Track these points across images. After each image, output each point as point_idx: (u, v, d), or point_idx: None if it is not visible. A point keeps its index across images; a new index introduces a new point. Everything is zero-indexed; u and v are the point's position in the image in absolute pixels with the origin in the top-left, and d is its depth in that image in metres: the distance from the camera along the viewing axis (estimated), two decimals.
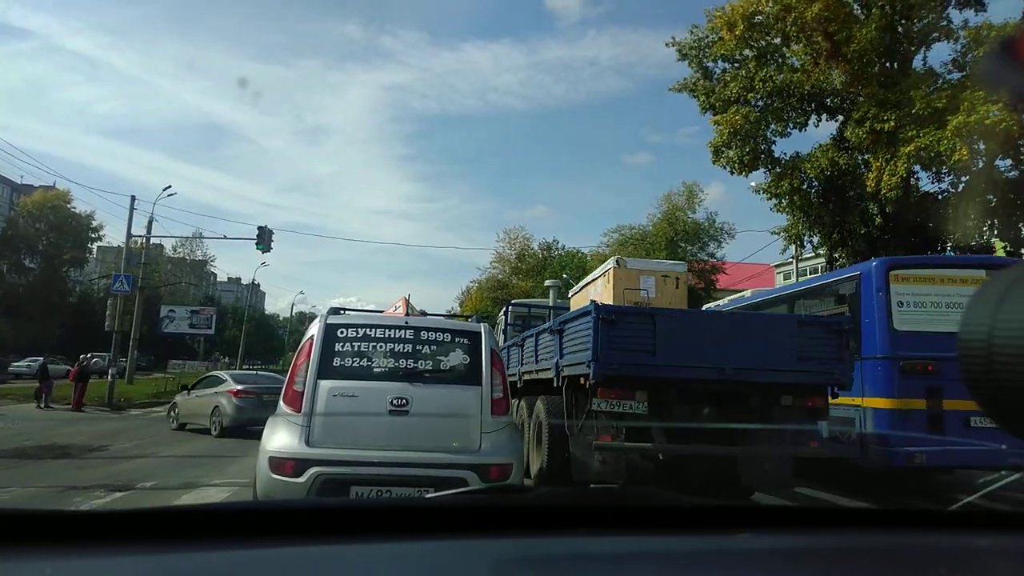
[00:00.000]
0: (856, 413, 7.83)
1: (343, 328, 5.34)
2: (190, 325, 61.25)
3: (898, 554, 1.18)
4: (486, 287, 70.55)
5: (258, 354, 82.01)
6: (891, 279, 7.94)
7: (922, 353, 7.42)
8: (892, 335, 7.70)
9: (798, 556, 1.18)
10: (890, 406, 7.57)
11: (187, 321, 61.09)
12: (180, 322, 61.18)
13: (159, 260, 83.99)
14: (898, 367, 7.56)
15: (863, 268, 8.55)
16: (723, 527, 1.22)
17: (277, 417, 5.18)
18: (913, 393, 7.49)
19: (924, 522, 1.37)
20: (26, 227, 68.11)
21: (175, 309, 62.04)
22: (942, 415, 7.35)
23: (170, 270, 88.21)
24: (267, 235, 27.57)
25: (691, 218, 32.68)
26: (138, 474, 9.58)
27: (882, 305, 7.81)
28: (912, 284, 8.01)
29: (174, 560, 0.99)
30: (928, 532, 1.30)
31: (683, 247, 32.43)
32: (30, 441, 13.01)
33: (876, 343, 7.75)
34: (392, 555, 1.07)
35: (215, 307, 64.48)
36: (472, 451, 5.05)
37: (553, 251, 65.74)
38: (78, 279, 76.62)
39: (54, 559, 0.95)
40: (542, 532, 1.15)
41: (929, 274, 8.17)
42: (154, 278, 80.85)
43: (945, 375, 7.09)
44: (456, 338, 5.49)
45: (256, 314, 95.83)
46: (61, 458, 11.24)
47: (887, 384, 7.62)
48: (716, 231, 32.98)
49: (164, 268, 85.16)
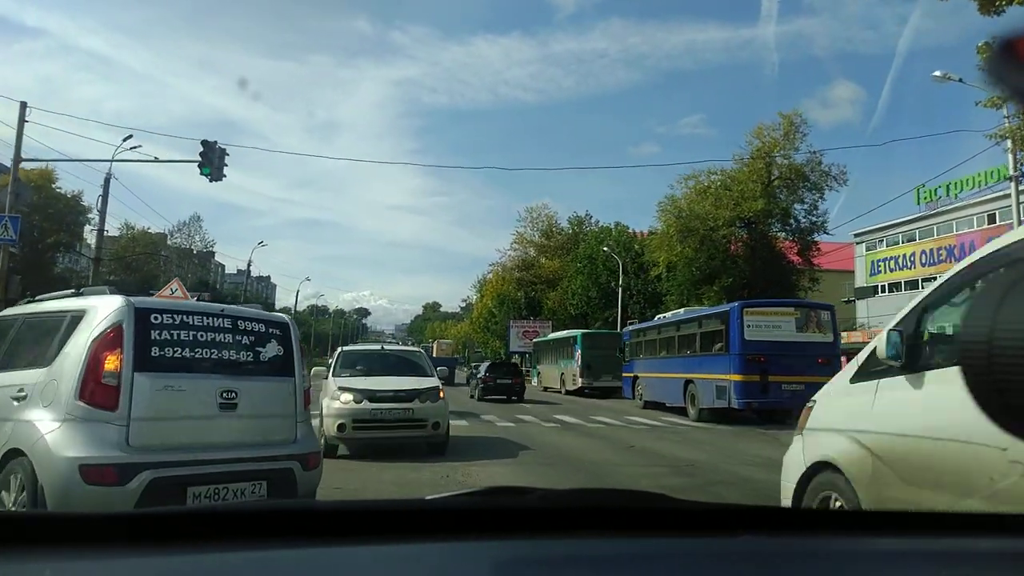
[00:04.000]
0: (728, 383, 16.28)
1: (156, 314, 4.85)
2: None
3: (899, 556, 1.19)
4: (509, 267, 64.95)
5: None
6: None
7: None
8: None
9: (800, 558, 1.18)
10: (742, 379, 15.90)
11: None
12: None
13: (159, 246, 78.64)
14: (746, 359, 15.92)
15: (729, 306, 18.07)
16: (724, 529, 1.21)
17: (72, 419, 4.43)
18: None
19: (925, 525, 1.39)
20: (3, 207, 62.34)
21: (154, 293, 55.57)
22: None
23: (167, 257, 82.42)
24: (215, 156, 18.02)
25: (793, 159, 25.56)
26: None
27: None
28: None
29: (172, 562, 0.99)
30: (928, 535, 1.31)
31: (782, 197, 25.39)
32: None
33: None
34: (390, 558, 1.06)
35: (209, 292, 58.22)
36: (291, 442, 5.20)
37: (585, 225, 59.72)
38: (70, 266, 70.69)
39: (52, 560, 0.95)
40: (542, 534, 1.14)
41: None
42: (152, 266, 75.39)
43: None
44: (270, 328, 5.46)
45: (261, 303, 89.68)
46: None
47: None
48: (822, 176, 25.87)
49: (162, 256, 79.45)
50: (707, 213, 25.83)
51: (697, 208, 26.19)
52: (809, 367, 14.56)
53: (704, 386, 17.08)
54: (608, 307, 46.27)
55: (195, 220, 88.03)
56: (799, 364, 15.02)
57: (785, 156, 25.57)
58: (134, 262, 74.97)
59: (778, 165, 25.94)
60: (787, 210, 26.03)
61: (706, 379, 16.99)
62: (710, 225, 25.88)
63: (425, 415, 9.31)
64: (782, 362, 15.27)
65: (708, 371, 16.99)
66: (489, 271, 70.42)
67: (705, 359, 17.41)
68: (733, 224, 25.98)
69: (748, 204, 24.95)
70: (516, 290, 60.39)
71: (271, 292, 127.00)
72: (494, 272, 68.31)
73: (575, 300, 48.09)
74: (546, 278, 57.77)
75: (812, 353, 15.42)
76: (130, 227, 74.74)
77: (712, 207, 25.80)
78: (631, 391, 22.92)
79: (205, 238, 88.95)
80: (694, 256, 26.28)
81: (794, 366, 15.04)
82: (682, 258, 26.65)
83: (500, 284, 64.56)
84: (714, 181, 26.89)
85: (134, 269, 74.51)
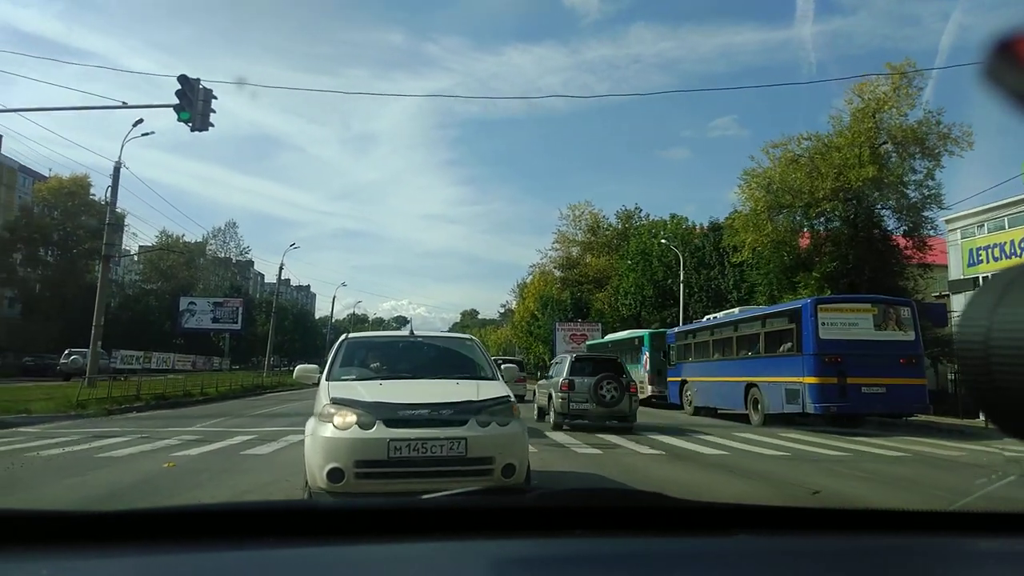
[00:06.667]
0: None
1: None
2: (213, 319, 52.76)
3: (898, 555, 1.18)
4: (552, 266, 61.63)
5: (298, 353, 73.19)
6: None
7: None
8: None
9: (797, 557, 1.17)
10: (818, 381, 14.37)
11: (210, 315, 52.53)
12: (202, 316, 52.68)
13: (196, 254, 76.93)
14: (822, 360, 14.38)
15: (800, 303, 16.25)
16: (721, 528, 1.20)
17: None
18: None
19: (924, 523, 1.36)
20: (41, 216, 61.18)
21: (196, 301, 53.49)
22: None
23: (204, 264, 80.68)
24: (197, 97, 14.03)
25: (907, 119, 21.21)
26: None
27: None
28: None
29: (172, 561, 0.98)
30: (928, 533, 1.29)
31: (896, 159, 21.12)
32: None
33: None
34: (389, 556, 1.06)
35: (241, 298, 55.65)
36: None
37: (634, 219, 55.91)
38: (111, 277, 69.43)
39: (51, 559, 0.94)
40: (540, 533, 1.14)
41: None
42: (187, 273, 73.62)
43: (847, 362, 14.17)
44: None
45: (294, 309, 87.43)
46: None
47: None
48: (940, 139, 21.47)
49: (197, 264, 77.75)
50: (802, 185, 21.70)
51: (789, 180, 22.06)
52: (890, 368, 14.05)
53: (770, 390, 15.77)
54: (664, 307, 42.43)
55: (231, 227, 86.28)
56: (879, 365, 14.13)
57: (901, 113, 21.20)
58: (168, 269, 73.46)
59: (888, 127, 21.63)
60: (901, 178, 21.68)
61: (773, 382, 15.71)
62: (805, 200, 21.77)
63: (488, 449, 5.08)
64: (861, 363, 14.09)
65: (775, 374, 15.73)
66: (529, 273, 67.62)
67: (771, 361, 16.15)
68: (835, 197, 21.75)
69: (853, 172, 20.71)
70: (561, 291, 56.98)
71: (311, 301, 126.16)
72: (535, 274, 65.27)
73: (628, 300, 44.23)
74: (593, 277, 54.29)
75: (893, 353, 14.40)
76: (167, 235, 73.31)
77: (806, 178, 21.65)
78: (678, 396, 21.51)
79: (240, 244, 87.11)
80: (787, 236, 22.17)
81: (874, 367, 14.02)
82: (772, 240, 22.48)
83: (542, 285, 61.45)
84: (807, 149, 22.68)
85: (169, 276, 72.98)
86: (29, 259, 60.13)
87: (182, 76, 14.08)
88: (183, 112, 13.91)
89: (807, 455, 10.54)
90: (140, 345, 57.40)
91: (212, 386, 26.08)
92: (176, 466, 8.35)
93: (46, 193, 62.54)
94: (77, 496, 6.51)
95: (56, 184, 62.85)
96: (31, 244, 59.69)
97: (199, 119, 14.19)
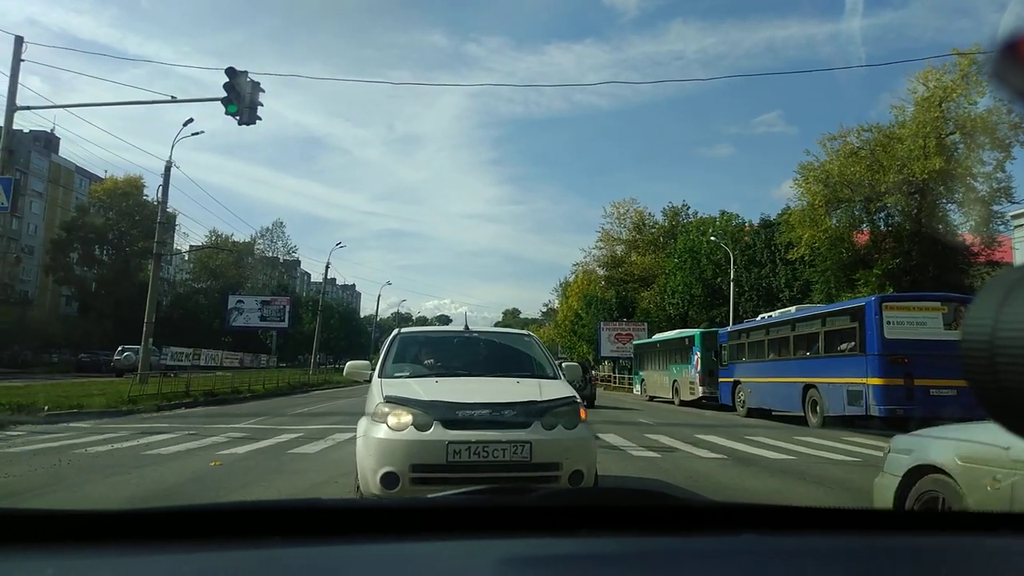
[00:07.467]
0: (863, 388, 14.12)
1: None
2: (261, 317, 53.28)
3: (901, 556, 1.17)
4: (596, 265, 60.93)
5: (344, 351, 73.96)
6: None
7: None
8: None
9: (802, 557, 1.16)
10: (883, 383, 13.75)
11: (257, 313, 53.08)
12: (250, 314, 53.24)
13: (245, 254, 78.45)
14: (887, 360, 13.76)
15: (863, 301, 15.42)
16: (727, 528, 1.20)
17: None
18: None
19: (927, 524, 1.37)
20: (96, 216, 62.91)
21: (244, 300, 54.22)
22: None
23: (252, 264, 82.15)
24: (245, 90, 14.07)
25: (976, 108, 20.10)
26: None
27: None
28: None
29: (179, 559, 0.98)
30: (932, 534, 1.30)
31: (963, 150, 20.05)
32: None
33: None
34: (394, 555, 1.06)
35: (288, 297, 56.31)
36: None
37: (681, 217, 54.88)
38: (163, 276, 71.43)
39: (56, 559, 0.94)
40: (545, 532, 1.13)
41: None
42: (231, 273, 75.02)
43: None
44: None
45: (340, 307, 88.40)
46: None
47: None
48: (1012, 129, 20.30)
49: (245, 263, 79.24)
50: (862, 178, 20.74)
51: (848, 173, 21.10)
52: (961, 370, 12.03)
53: (831, 391, 15.25)
54: (713, 306, 41.49)
55: (278, 226, 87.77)
56: (949, 366, 12.25)
57: (970, 101, 20.08)
58: (218, 268, 75.00)
59: (955, 116, 20.54)
60: (970, 170, 20.57)
61: (834, 384, 15.16)
62: (866, 194, 20.81)
63: (555, 455, 4.69)
64: (929, 363, 13.28)
65: (836, 375, 15.14)
66: (572, 272, 66.98)
67: (832, 361, 15.53)
68: (898, 191, 20.72)
69: (918, 164, 19.69)
70: (605, 289, 56.22)
71: (356, 300, 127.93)
72: (578, 272, 64.62)
73: (675, 299, 43.35)
74: (638, 276, 53.43)
75: None
76: (217, 235, 74.90)
77: (866, 171, 20.68)
78: (730, 397, 21.13)
79: (287, 244, 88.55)
80: (845, 232, 21.21)
81: (944, 368, 12.87)
82: (829, 236, 21.55)
83: (586, 284, 60.77)
84: (868, 141, 21.68)
85: (218, 275, 74.52)
86: (85, 258, 61.92)
87: (229, 68, 14.06)
88: (231, 105, 13.87)
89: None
90: (190, 342, 58.80)
91: (259, 383, 26.33)
92: (222, 465, 8.18)
93: (101, 194, 64.27)
94: (118, 496, 6.33)
95: (111, 185, 64.60)
96: (87, 244, 61.54)
97: (247, 112, 14.12)
